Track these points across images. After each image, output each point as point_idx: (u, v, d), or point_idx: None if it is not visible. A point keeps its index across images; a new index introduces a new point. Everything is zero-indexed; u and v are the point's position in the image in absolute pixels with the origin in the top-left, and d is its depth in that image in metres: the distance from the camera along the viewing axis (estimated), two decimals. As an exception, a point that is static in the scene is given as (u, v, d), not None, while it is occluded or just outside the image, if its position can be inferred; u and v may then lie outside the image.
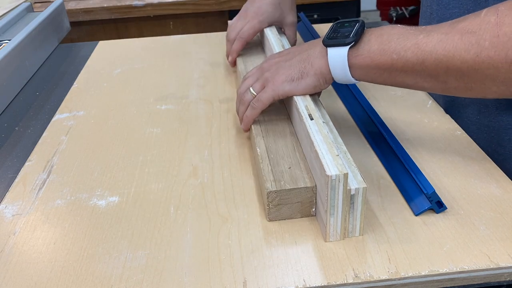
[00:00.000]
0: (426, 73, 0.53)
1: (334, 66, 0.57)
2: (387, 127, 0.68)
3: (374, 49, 0.55)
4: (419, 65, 0.52)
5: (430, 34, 0.52)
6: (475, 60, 0.49)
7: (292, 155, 0.57)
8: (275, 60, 0.65)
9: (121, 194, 0.60)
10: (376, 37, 0.55)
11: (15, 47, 0.90)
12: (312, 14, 1.55)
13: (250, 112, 0.64)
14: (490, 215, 0.53)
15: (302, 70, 0.60)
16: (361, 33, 0.57)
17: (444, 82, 0.52)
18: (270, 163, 0.56)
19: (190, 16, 1.52)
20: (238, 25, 0.87)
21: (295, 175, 0.54)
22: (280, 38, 0.81)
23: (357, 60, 0.56)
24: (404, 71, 0.54)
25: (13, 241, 0.54)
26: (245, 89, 0.65)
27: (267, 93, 0.61)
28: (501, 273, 0.47)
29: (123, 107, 0.81)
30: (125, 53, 1.03)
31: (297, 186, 0.52)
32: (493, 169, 0.60)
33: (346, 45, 0.56)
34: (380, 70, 0.55)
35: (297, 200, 0.53)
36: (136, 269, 0.49)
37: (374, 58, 0.55)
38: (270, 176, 0.54)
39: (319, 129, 0.54)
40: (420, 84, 0.55)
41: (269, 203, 0.52)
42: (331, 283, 0.46)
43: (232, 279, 0.47)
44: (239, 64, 0.84)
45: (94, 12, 1.47)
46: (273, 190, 0.52)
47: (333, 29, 0.60)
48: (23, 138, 0.74)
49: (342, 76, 0.58)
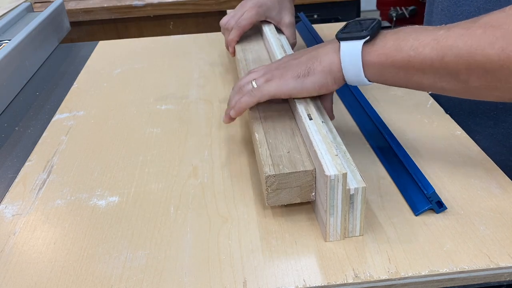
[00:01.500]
0: (446, 71, 0.49)
1: (347, 62, 0.54)
2: (387, 127, 0.68)
3: (389, 45, 0.52)
4: (438, 61, 0.49)
5: (451, 29, 0.49)
6: (500, 56, 0.45)
7: (291, 140, 0.56)
8: (285, 59, 0.62)
9: (121, 194, 0.60)
10: (392, 34, 0.53)
11: (15, 47, 0.90)
12: (312, 14, 1.55)
13: (246, 98, 0.59)
14: (490, 215, 0.53)
15: (309, 67, 0.57)
16: (377, 29, 0.54)
17: (465, 81, 0.49)
18: (269, 148, 0.55)
19: (190, 16, 1.52)
20: (235, 14, 0.87)
21: (294, 159, 0.53)
22: (280, 37, 0.81)
23: (371, 57, 0.53)
24: (422, 69, 0.50)
25: (13, 241, 0.54)
26: (246, 82, 0.62)
27: (269, 86, 0.58)
28: (501, 273, 0.47)
29: (123, 107, 0.81)
30: (125, 53, 1.03)
31: (296, 170, 0.51)
32: (493, 169, 0.60)
33: (361, 38, 0.53)
34: (396, 68, 0.52)
35: (296, 184, 0.52)
36: (136, 269, 0.49)
37: (389, 54, 0.52)
38: (268, 160, 0.53)
39: (318, 129, 0.54)
40: (439, 85, 0.51)
41: (268, 188, 0.51)
42: (331, 283, 0.46)
43: (232, 279, 0.47)
44: (238, 53, 0.82)
45: (94, 12, 1.47)
46: (272, 174, 0.51)
47: (347, 25, 0.57)
48: (23, 138, 0.75)
49: (354, 75, 0.55)
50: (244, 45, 0.85)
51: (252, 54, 0.81)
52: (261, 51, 0.82)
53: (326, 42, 0.59)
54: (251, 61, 0.78)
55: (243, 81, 0.62)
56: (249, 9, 0.85)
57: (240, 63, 0.78)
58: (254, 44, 0.85)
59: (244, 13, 0.85)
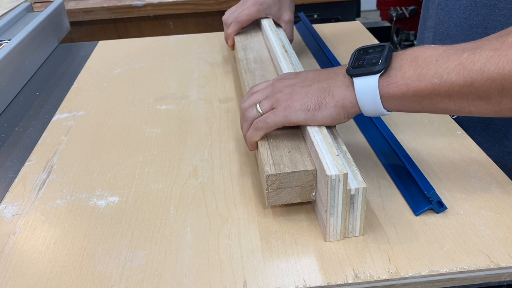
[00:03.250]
0: (475, 96, 0.47)
1: (363, 98, 0.51)
2: (387, 127, 0.68)
3: (409, 74, 0.49)
4: (467, 87, 0.46)
5: (476, 52, 0.46)
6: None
7: (292, 140, 0.56)
8: (290, 81, 0.57)
9: (121, 194, 0.60)
10: (409, 61, 0.50)
11: (15, 47, 0.90)
12: (312, 14, 1.55)
13: (252, 133, 0.56)
14: (490, 215, 0.53)
15: (320, 101, 0.53)
16: (390, 58, 0.51)
17: (497, 103, 0.47)
18: (270, 147, 0.55)
19: (190, 16, 1.52)
20: (236, 10, 0.89)
21: (294, 158, 0.53)
22: (278, 31, 0.81)
23: (390, 89, 0.50)
24: (448, 96, 0.48)
25: (13, 241, 0.54)
26: (250, 104, 0.58)
27: (276, 117, 0.54)
28: (501, 273, 0.47)
29: (123, 107, 0.81)
30: (125, 53, 1.03)
31: (297, 170, 0.51)
32: (493, 169, 0.60)
33: (375, 73, 0.50)
34: (419, 97, 0.49)
35: (297, 184, 0.52)
36: (136, 269, 0.49)
37: (411, 84, 0.49)
38: (269, 159, 0.53)
39: (319, 128, 0.54)
40: (467, 109, 0.49)
41: (268, 187, 0.51)
42: (331, 283, 0.46)
43: (232, 279, 0.47)
44: (238, 52, 0.83)
45: (94, 12, 1.47)
46: (272, 173, 0.51)
47: (355, 56, 0.54)
48: (23, 138, 0.74)
49: (372, 108, 0.52)
50: (245, 45, 0.85)
51: (253, 53, 0.81)
52: (262, 50, 0.82)
53: (336, 70, 0.55)
54: (252, 60, 0.78)
55: (246, 103, 0.59)
56: (249, 6, 0.87)
57: (241, 63, 0.78)
58: (255, 43, 0.85)
59: (244, 10, 0.87)
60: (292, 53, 0.75)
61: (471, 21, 0.70)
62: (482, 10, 0.68)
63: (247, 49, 0.83)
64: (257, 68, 0.75)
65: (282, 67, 0.69)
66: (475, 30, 0.70)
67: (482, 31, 0.69)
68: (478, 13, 0.68)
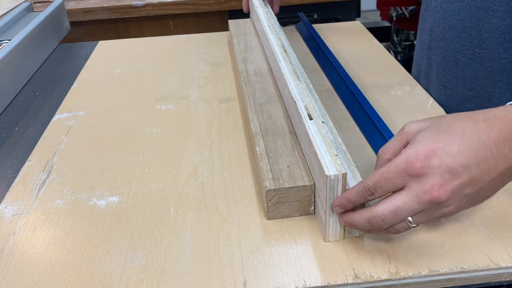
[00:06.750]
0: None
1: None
2: (387, 127, 0.68)
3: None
4: None
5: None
6: None
7: (291, 154, 0.57)
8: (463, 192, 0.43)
9: (121, 194, 0.60)
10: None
11: (15, 47, 0.90)
12: (312, 14, 1.55)
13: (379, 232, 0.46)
14: (490, 215, 0.53)
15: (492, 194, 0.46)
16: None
17: None
18: (269, 162, 0.56)
19: (190, 16, 1.52)
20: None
21: (294, 173, 0.54)
22: (280, 36, 0.82)
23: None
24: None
25: (13, 241, 0.54)
26: (395, 216, 0.44)
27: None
28: (501, 273, 0.47)
29: (123, 107, 0.81)
30: (125, 53, 1.03)
31: (296, 185, 0.52)
32: (493, 169, 0.60)
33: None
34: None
35: (296, 199, 0.53)
36: (136, 269, 0.49)
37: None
38: (269, 174, 0.54)
39: (318, 129, 0.54)
40: None
41: (268, 202, 0.53)
42: (331, 283, 0.46)
43: (232, 279, 0.47)
44: (239, 64, 0.84)
45: (94, 12, 1.47)
46: (272, 188, 0.52)
47: None
48: (23, 138, 0.74)
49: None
50: (245, 57, 0.87)
51: (253, 65, 0.83)
52: (262, 63, 0.84)
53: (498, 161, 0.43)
54: (252, 73, 0.80)
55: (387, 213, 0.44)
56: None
57: (241, 75, 0.79)
58: (255, 55, 0.87)
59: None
60: (291, 53, 0.75)
61: (465, 24, 0.70)
62: (476, 12, 0.68)
63: (247, 61, 0.85)
64: (257, 81, 0.77)
65: (282, 67, 0.69)
66: (469, 33, 0.70)
67: (476, 34, 0.69)
68: (472, 15, 0.69)
